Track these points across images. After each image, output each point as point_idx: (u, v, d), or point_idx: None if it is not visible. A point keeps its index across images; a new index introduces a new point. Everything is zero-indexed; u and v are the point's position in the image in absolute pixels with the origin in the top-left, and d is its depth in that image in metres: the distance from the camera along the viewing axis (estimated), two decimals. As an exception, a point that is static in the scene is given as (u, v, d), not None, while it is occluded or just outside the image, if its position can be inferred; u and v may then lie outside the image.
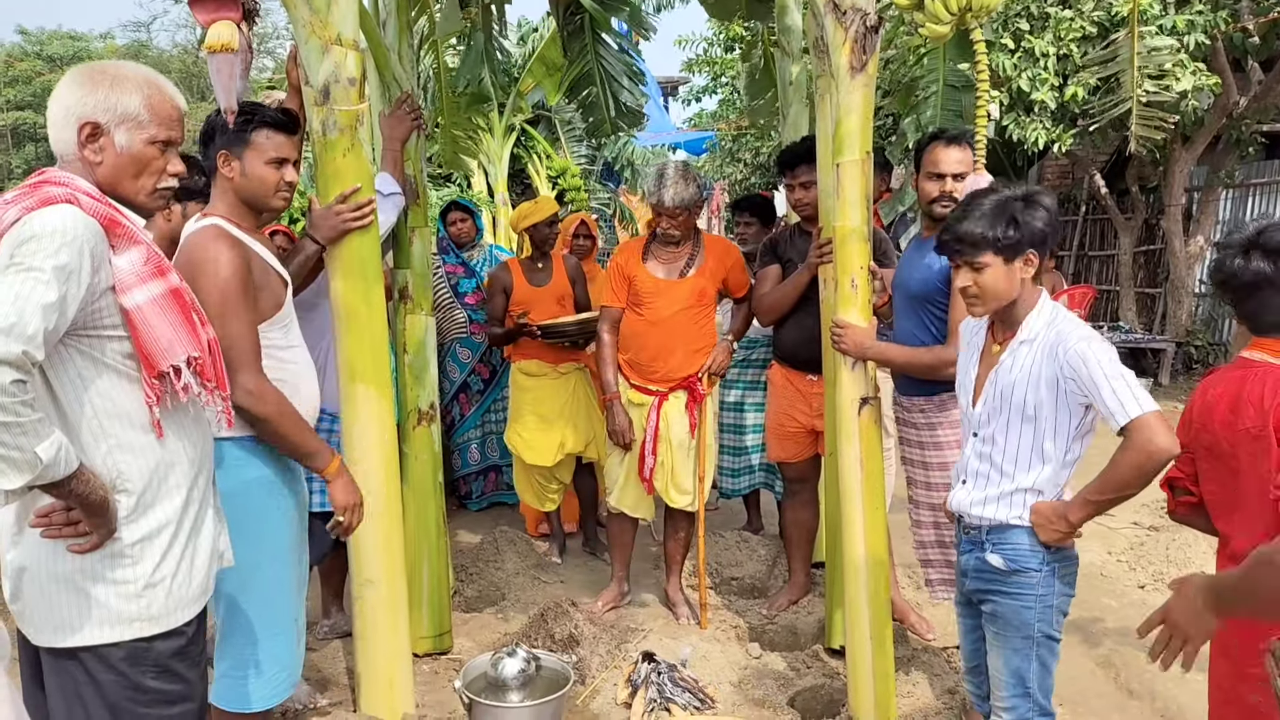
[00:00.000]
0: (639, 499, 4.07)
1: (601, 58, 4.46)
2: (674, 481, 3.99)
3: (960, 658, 2.59)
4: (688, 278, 3.92)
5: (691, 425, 3.93)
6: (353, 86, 2.80)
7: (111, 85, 1.81)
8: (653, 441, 3.93)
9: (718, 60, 13.10)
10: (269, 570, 2.46)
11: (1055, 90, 7.66)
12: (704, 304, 3.94)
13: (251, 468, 2.43)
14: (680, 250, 3.95)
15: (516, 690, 3.03)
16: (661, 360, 3.91)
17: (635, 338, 3.96)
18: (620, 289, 3.99)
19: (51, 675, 1.81)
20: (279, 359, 2.48)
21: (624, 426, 3.98)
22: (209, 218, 2.44)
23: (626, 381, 4.01)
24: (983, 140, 2.74)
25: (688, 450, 3.96)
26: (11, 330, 1.54)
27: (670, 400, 3.94)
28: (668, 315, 3.88)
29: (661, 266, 3.96)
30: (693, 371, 3.93)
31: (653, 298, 3.91)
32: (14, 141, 22.03)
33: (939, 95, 4.02)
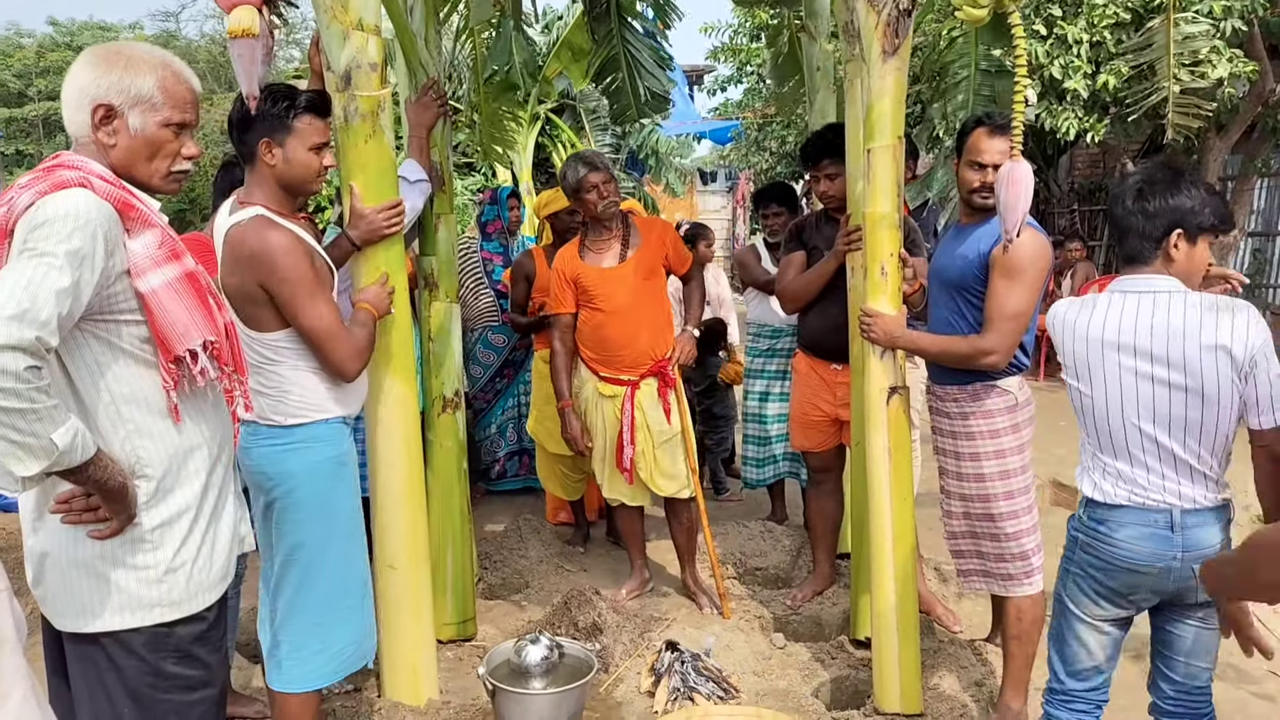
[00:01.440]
0: (629, 488, 4.06)
1: (628, 43, 4.41)
2: (658, 469, 3.96)
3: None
4: (629, 260, 3.91)
5: (666, 410, 3.92)
6: (374, 72, 2.78)
7: (125, 67, 1.80)
8: (630, 431, 3.91)
9: (743, 49, 13.00)
10: (338, 547, 2.56)
11: (1088, 78, 7.53)
12: (654, 281, 3.94)
13: (318, 450, 2.52)
14: (614, 234, 3.94)
15: (539, 677, 3.02)
16: (629, 345, 3.90)
17: (597, 330, 3.94)
18: (566, 294, 3.97)
19: (74, 660, 1.81)
20: None
21: (576, 433, 3.99)
22: (251, 207, 2.44)
23: (596, 376, 3.99)
24: (1019, 126, 2.68)
25: (667, 437, 3.94)
26: (24, 316, 1.53)
27: (642, 388, 3.93)
28: (624, 301, 3.87)
29: (601, 257, 3.95)
30: (662, 353, 3.91)
31: (602, 288, 3.89)
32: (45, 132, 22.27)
33: (971, 80, 3.94)
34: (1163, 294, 2.18)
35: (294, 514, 2.50)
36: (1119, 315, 2.21)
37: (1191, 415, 2.15)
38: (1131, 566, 2.22)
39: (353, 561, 2.62)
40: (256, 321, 2.45)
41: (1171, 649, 2.32)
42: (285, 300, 2.41)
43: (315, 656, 2.55)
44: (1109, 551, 2.24)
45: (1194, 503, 2.17)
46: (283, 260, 2.38)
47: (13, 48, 23.71)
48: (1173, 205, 2.19)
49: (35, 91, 22.10)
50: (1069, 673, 2.40)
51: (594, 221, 3.94)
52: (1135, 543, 2.20)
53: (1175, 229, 2.19)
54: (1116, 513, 2.22)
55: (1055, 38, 7.51)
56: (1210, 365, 2.11)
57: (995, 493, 3.05)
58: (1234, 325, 2.10)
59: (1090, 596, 2.32)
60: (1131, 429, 2.21)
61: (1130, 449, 2.22)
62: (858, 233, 3.31)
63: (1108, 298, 2.26)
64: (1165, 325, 2.15)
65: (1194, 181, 2.23)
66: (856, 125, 3.24)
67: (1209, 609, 2.23)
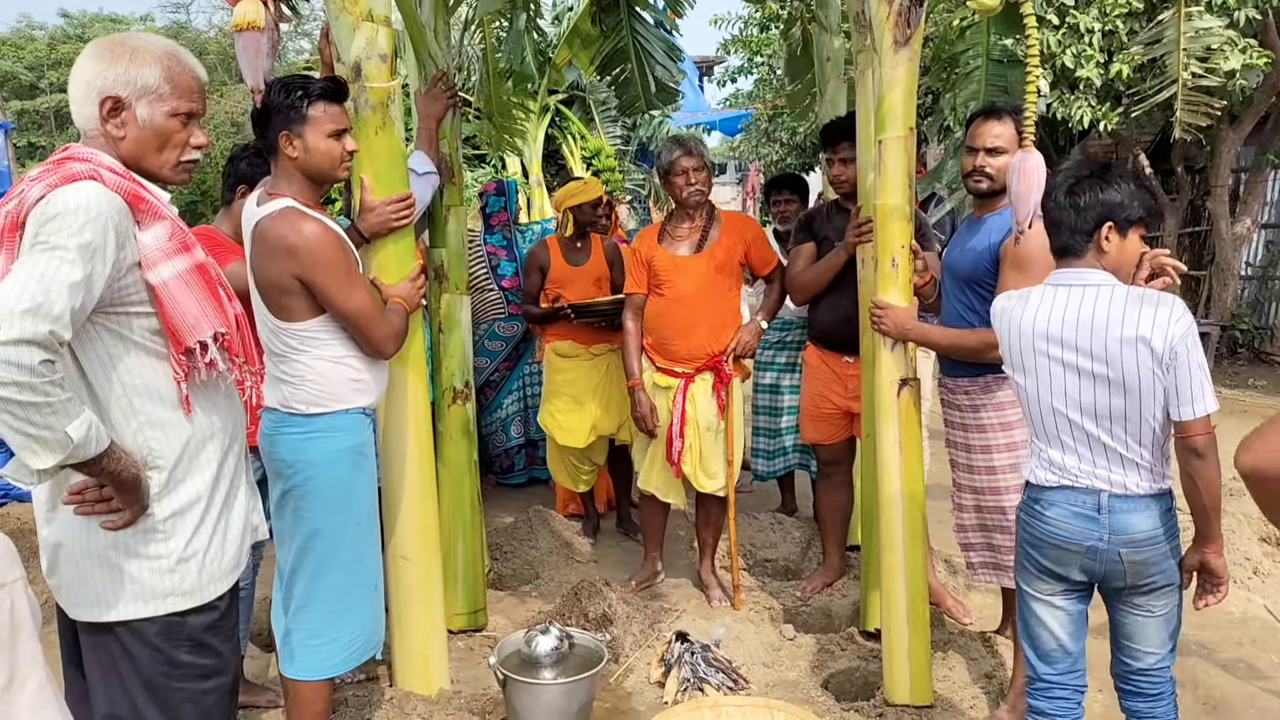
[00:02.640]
0: (667, 482, 4.05)
1: (637, 33, 4.39)
2: (702, 466, 3.95)
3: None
4: (704, 252, 3.88)
5: (720, 407, 3.90)
6: (384, 63, 2.78)
7: (131, 58, 1.80)
8: (680, 424, 3.90)
9: (753, 40, 12.94)
10: (354, 537, 2.59)
11: (1100, 67, 7.48)
12: (725, 278, 3.90)
13: (339, 440, 2.55)
14: (696, 224, 3.92)
15: (550, 667, 3.03)
16: (684, 338, 3.88)
17: (657, 317, 3.93)
18: (640, 274, 3.97)
19: (88, 650, 1.83)
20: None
21: (646, 413, 3.96)
22: (280, 199, 2.46)
23: (652, 365, 3.98)
24: (1032, 116, 2.67)
25: (715, 433, 3.93)
26: (38, 310, 1.53)
27: (696, 382, 3.91)
28: (688, 292, 3.85)
29: (679, 244, 3.93)
30: (718, 350, 3.88)
31: (671, 275, 3.88)
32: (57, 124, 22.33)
33: (983, 71, 3.92)
34: (1092, 287, 2.25)
35: (312, 502, 2.52)
36: (1049, 308, 2.28)
37: (1115, 405, 2.21)
38: (1058, 543, 2.31)
39: (367, 552, 2.65)
40: (287, 311, 2.47)
41: (1116, 631, 2.42)
42: (323, 288, 2.43)
43: (328, 645, 2.58)
44: (1040, 528, 2.34)
45: (1124, 489, 2.24)
46: (318, 249, 2.40)
47: (24, 40, 23.76)
48: (1102, 199, 2.25)
49: (47, 84, 22.14)
50: (1039, 657, 2.46)
51: (679, 207, 3.93)
52: (1063, 521, 2.31)
53: (1106, 222, 2.25)
54: (1049, 494, 2.32)
55: (1068, 27, 7.46)
56: (1130, 357, 2.16)
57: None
58: (1155, 317, 2.14)
59: (1033, 573, 2.41)
60: (1061, 418, 2.29)
61: (1061, 436, 2.29)
62: (868, 225, 3.30)
63: (1041, 291, 2.33)
64: (1090, 317, 2.21)
65: (1123, 175, 2.30)
66: (867, 116, 3.23)
67: (1146, 597, 2.30)
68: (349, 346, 2.56)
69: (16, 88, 21.19)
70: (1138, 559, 2.24)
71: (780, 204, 4.98)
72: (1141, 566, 2.25)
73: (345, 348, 2.55)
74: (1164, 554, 2.25)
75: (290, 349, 2.50)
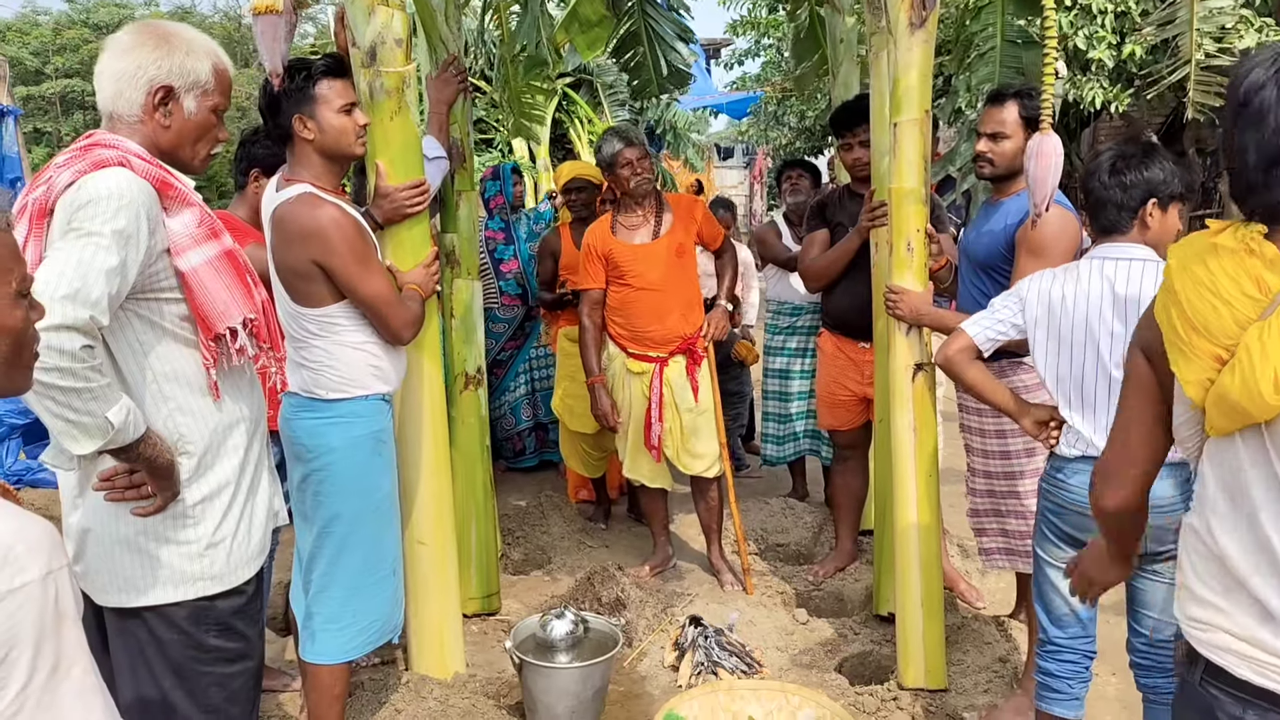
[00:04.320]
0: (653, 469, 4.06)
1: (649, 17, 4.37)
2: (685, 447, 3.96)
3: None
4: (662, 237, 3.90)
5: (694, 387, 3.91)
6: (399, 47, 2.77)
7: (187, 51, 1.83)
8: (658, 408, 3.91)
9: (762, 21, 12.87)
10: (373, 522, 2.60)
11: (1113, 49, 7.43)
12: (685, 259, 3.94)
13: (359, 425, 2.56)
14: (646, 211, 3.94)
15: (565, 651, 3.05)
16: (659, 323, 3.90)
17: (628, 306, 3.94)
18: (597, 270, 3.97)
19: (116, 635, 1.84)
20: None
21: (607, 410, 3.99)
22: (297, 184, 2.46)
23: (624, 352, 3.99)
24: (1049, 99, 2.66)
25: (696, 414, 3.93)
26: (77, 296, 1.55)
27: (671, 365, 3.93)
28: (655, 278, 3.87)
29: (633, 232, 3.95)
30: (690, 332, 3.91)
31: (634, 264, 3.89)
32: (63, 109, 22.31)
33: (998, 52, 3.89)
34: (1138, 261, 2.34)
35: (331, 486, 2.53)
36: (1100, 281, 2.36)
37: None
38: (1080, 509, 2.36)
39: (385, 537, 2.66)
40: (307, 297, 2.48)
41: (1134, 601, 2.45)
42: (342, 273, 2.44)
43: (347, 629, 2.59)
44: (1063, 495, 2.41)
45: None
46: (336, 235, 2.41)
47: (30, 25, 23.74)
48: (1146, 177, 2.35)
49: (53, 69, 22.13)
50: (1051, 620, 2.52)
51: (626, 197, 3.94)
52: (1085, 488, 2.32)
53: (1150, 198, 2.35)
54: (1073, 464, 2.39)
55: (1080, 8, 7.41)
56: None
57: (1021, 469, 3.05)
58: None
59: (1051, 540, 2.47)
60: (1103, 387, 2.35)
61: (1098, 404, 2.36)
62: (883, 208, 3.29)
63: (1089, 264, 2.41)
64: (1139, 290, 2.30)
65: (1164, 154, 2.40)
66: (881, 99, 3.21)
67: (1165, 563, 2.36)
68: (368, 332, 2.56)
69: (22, 73, 21.16)
70: (1157, 523, 2.27)
71: (793, 179, 4.98)
72: (1160, 531, 2.30)
73: (364, 334, 2.56)
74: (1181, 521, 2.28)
75: (310, 334, 2.51)
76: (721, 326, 3.96)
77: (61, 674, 1.07)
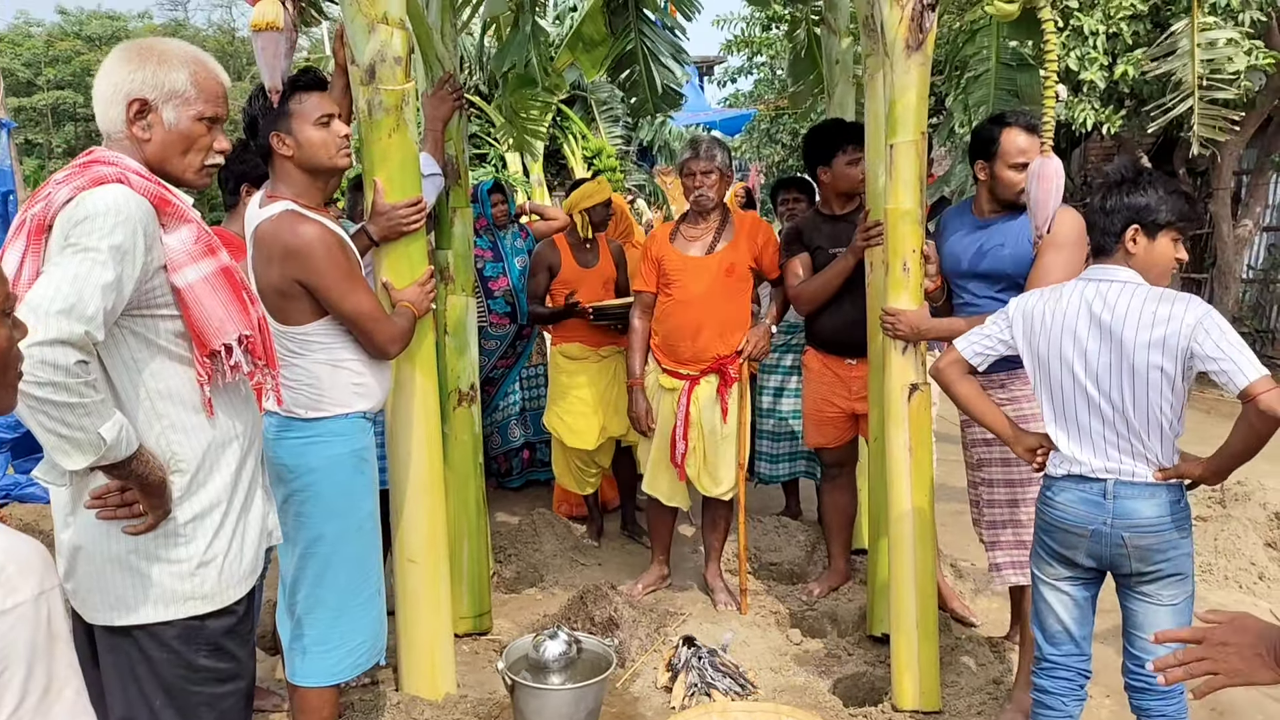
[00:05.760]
0: (673, 486, 4.03)
1: (645, 36, 4.39)
2: (707, 469, 3.94)
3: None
4: (716, 253, 3.87)
5: (723, 410, 3.88)
6: (399, 65, 2.77)
7: (159, 62, 1.81)
8: (683, 426, 3.89)
9: (755, 39, 12.93)
10: (355, 542, 2.57)
11: (1104, 70, 7.49)
12: (735, 280, 3.87)
13: (339, 444, 2.53)
14: (708, 225, 3.91)
15: (558, 672, 3.03)
16: (690, 340, 3.86)
17: (666, 318, 3.93)
18: (650, 274, 3.97)
19: (106, 653, 1.82)
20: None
21: (642, 413, 3.97)
22: (278, 202, 2.44)
23: (659, 365, 3.97)
24: (1050, 122, 2.67)
25: (721, 437, 3.91)
26: (72, 311, 1.54)
27: (702, 385, 3.89)
28: (697, 293, 3.84)
29: (690, 244, 3.92)
30: (725, 352, 3.87)
31: (681, 275, 3.87)
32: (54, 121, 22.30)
33: (993, 74, 3.92)
34: (1118, 283, 2.36)
35: (313, 507, 2.50)
36: (1079, 300, 2.39)
37: (1128, 395, 2.32)
38: (1066, 527, 2.43)
39: (369, 557, 2.63)
40: (287, 315, 2.46)
41: (1128, 623, 2.48)
42: (324, 291, 2.42)
43: (334, 651, 2.56)
44: (1050, 514, 2.47)
45: (1131, 476, 2.35)
46: (318, 252, 2.39)
47: (22, 37, 23.76)
48: (1128, 203, 2.36)
49: (44, 81, 22.13)
50: (1045, 638, 2.56)
51: (692, 207, 3.92)
52: (1070, 506, 2.42)
53: (1132, 225, 2.36)
54: (1060, 482, 2.45)
55: (1072, 30, 7.48)
56: (1143, 353, 2.27)
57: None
58: (1171, 312, 2.26)
59: (1044, 558, 2.53)
60: (1081, 407, 2.39)
61: (1079, 421, 2.40)
62: (877, 228, 3.29)
63: (1073, 284, 2.45)
64: (1113, 311, 2.32)
65: (1154, 181, 2.38)
66: (878, 120, 3.23)
67: (1154, 585, 2.38)
68: (350, 350, 2.54)
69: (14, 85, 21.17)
70: (1141, 543, 2.34)
71: (789, 202, 4.98)
72: (1146, 552, 2.34)
73: (346, 351, 2.53)
74: (1170, 543, 2.34)
75: (289, 353, 2.48)
76: (761, 346, 3.91)
77: (54, 696, 1.06)
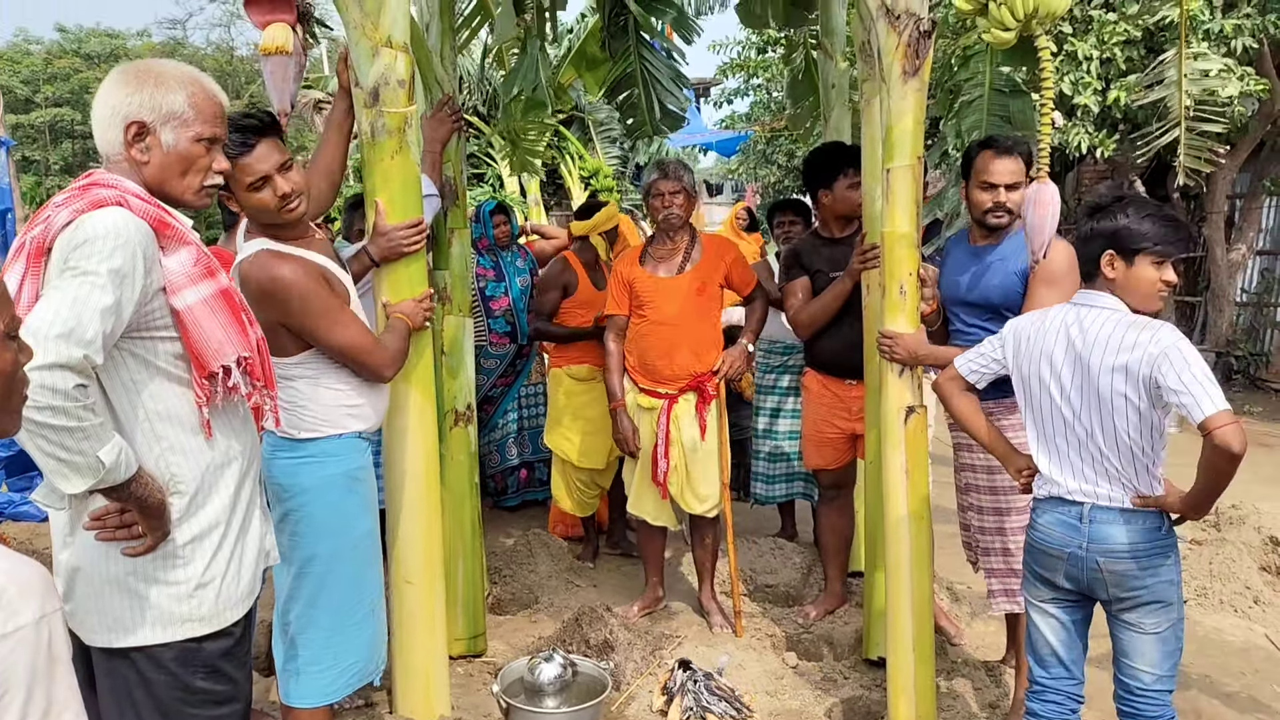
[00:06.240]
0: (657, 506, 4.04)
1: (645, 59, 4.43)
2: (690, 487, 3.95)
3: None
4: (686, 273, 3.91)
5: (701, 427, 3.90)
6: (402, 88, 2.79)
7: (156, 84, 1.81)
8: (664, 445, 3.90)
9: (751, 62, 13.04)
10: (349, 561, 2.56)
11: (1098, 95, 7.56)
12: (706, 299, 3.92)
13: (332, 464, 2.53)
14: (676, 245, 3.95)
15: (553, 695, 3.02)
16: (667, 359, 3.89)
17: (641, 339, 3.95)
18: (622, 296, 3.99)
19: (103, 676, 1.81)
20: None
21: (629, 434, 3.98)
22: (255, 240, 2.45)
23: (635, 386, 3.99)
24: (1046, 149, 2.70)
25: (701, 454, 3.92)
26: (71, 335, 1.54)
27: (680, 403, 3.91)
28: (671, 313, 3.87)
29: (659, 265, 3.96)
30: (701, 371, 3.90)
31: (653, 296, 3.90)
32: (52, 138, 22.35)
33: (985, 100, 3.94)
34: (1098, 309, 2.38)
35: (306, 527, 2.50)
36: (1061, 324, 2.43)
37: (1096, 420, 2.35)
38: (1045, 549, 2.47)
39: (364, 576, 2.62)
40: (275, 347, 2.43)
41: (1115, 650, 2.50)
42: (308, 332, 2.42)
43: (327, 671, 2.55)
44: (1033, 535, 2.51)
45: (1108, 501, 2.37)
46: (295, 295, 2.37)
47: (21, 54, 23.84)
48: (1103, 228, 2.39)
49: (42, 98, 22.20)
50: (1037, 661, 2.58)
51: (660, 229, 3.96)
52: (1049, 528, 2.46)
53: (1107, 250, 2.38)
54: (1042, 504, 2.49)
55: (1065, 54, 7.54)
56: (1107, 379, 2.31)
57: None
58: (1138, 339, 2.28)
59: (1031, 580, 2.56)
60: (1058, 430, 2.43)
61: (1057, 443, 2.43)
62: (874, 251, 3.31)
63: (1060, 309, 2.48)
64: (1086, 337, 2.35)
65: (1131, 204, 2.39)
66: (874, 145, 3.25)
67: (1135, 612, 2.39)
68: (342, 376, 2.53)
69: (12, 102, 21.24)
70: (1116, 569, 2.36)
71: (784, 225, 5.01)
72: (1121, 578, 2.35)
73: (337, 376, 2.53)
74: (1147, 570, 2.35)
75: (280, 376, 2.46)
76: (737, 365, 3.93)
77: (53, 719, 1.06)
